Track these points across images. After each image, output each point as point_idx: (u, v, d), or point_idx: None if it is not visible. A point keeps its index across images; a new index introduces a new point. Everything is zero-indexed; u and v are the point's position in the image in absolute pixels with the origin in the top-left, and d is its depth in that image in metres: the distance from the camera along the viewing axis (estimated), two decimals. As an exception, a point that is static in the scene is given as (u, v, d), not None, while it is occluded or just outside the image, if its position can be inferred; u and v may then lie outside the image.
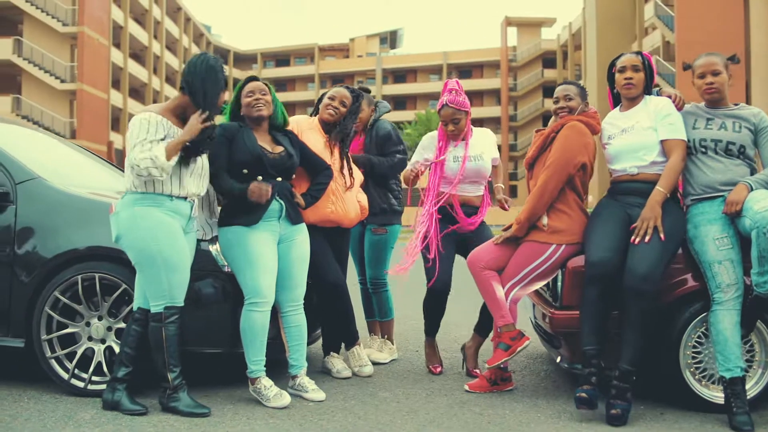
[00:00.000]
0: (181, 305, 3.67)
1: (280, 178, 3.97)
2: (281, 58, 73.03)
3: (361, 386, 4.26)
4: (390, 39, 73.68)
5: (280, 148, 4.03)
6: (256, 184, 3.82)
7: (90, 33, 38.36)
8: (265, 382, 3.82)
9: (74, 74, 38.18)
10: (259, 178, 3.88)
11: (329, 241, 4.44)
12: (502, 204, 4.69)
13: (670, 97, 3.91)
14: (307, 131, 4.45)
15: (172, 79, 54.71)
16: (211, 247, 3.96)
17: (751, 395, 3.72)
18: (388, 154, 4.88)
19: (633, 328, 3.61)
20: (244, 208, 3.87)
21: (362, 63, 69.33)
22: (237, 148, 3.88)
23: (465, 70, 66.56)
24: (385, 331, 5.07)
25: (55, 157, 4.88)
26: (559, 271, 3.98)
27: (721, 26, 31.53)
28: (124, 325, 3.87)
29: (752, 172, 3.78)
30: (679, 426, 3.54)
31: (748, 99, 31.22)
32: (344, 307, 4.45)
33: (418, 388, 4.24)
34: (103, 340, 3.94)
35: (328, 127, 4.50)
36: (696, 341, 3.78)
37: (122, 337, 3.72)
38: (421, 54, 68.69)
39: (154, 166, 3.50)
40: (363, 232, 4.97)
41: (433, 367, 4.62)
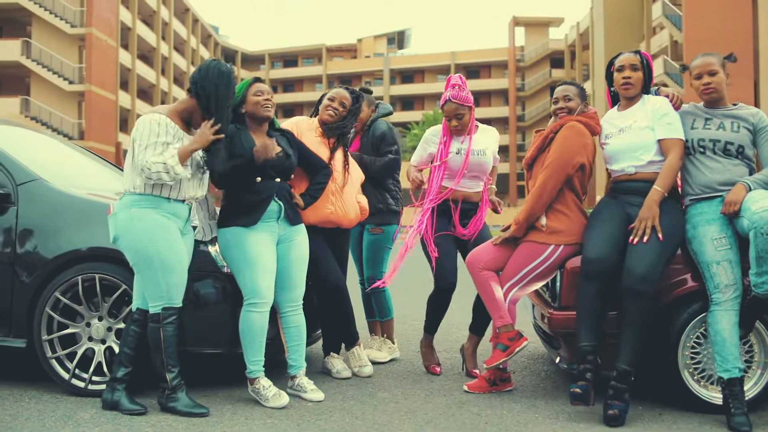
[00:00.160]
0: (179, 306, 3.69)
1: (278, 179, 3.98)
2: (289, 59, 73.16)
3: (361, 386, 4.26)
4: (398, 39, 73.71)
5: (279, 149, 4.04)
6: (259, 145, 3.86)
7: (98, 34, 38.54)
8: (264, 383, 3.84)
9: (82, 75, 38.36)
10: (258, 179, 3.90)
11: (329, 241, 4.45)
12: (495, 206, 4.70)
13: (668, 96, 3.91)
14: (306, 132, 4.46)
15: (180, 80, 54.89)
16: (210, 248, 3.98)
17: (751, 396, 3.71)
18: (383, 154, 4.89)
19: (631, 328, 3.61)
20: (243, 209, 3.88)
21: (370, 63, 69.38)
22: (235, 148, 3.90)
23: (473, 70, 66.53)
24: (385, 330, 5.07)
25: (56, 159, 4.92)
26: (558, 272, 3.98)
27: (729, 25, 31.43)
28: (124, 326, 3.88)
29: (751, 172, 3.77)
30: (677, 426, 3.53)
31: (757, 98, 31.09)
32: (344, 308, 4.46)
33: (418, 388, 4.25)
34: (104, 341, 3.96)
35: (328, 128, 4.52)
36: (695, 342, 3.77)
37: (121, 338, 3.75)
38: (429, 54, 68.71)
39: (166, 171, 3.54)
40: (362, 233, 4.98)
41: (432, 368, 4.61)
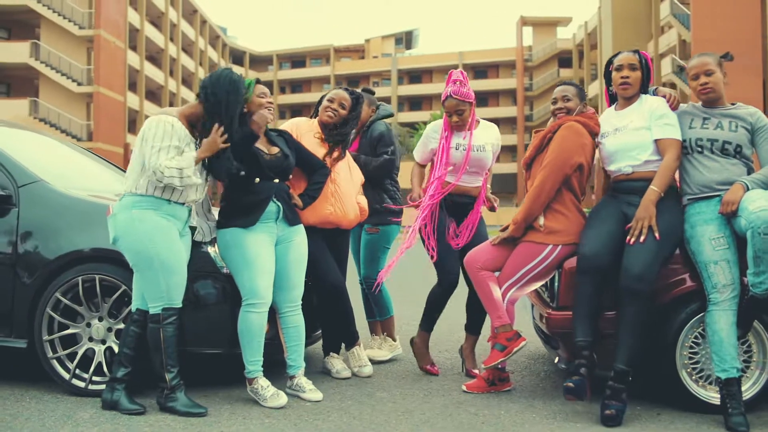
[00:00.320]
0: (179, 306, 3.71)
1: (277, 180, 3.99)
2: (297, 60, 73.26)
3: (360, 386, 4.28)
4: (405, 39, 73.66)
5: (276, 149, 4.06)
6: (256, 115, 3.92)
7: (106, 36, 38.67)
8: (262, 383, 3.85)
9: (91, 77, 38.50)
10: (257, 180, 3.92)
11: (329, 242, 4.46)
12: (491, 203, 4.68)
13: (665, 96, 3.90)
14: (306, 133, 4.48)
15: (189, 81, 55.05)
16: (209, 249, 4.00)
17: (749, 396, 3.71)
18: (379, 154, 4.90)
19: (628, 328, 3.61)
20: (242, 210, 3.90)
21: (378, 64, 69.39)
22: (233, 149, 3.90)
23: (480, 70, 66.47)
24: (385, 328, 5.08)
25: (58, 160, 4.95)
26: (556, 272, 3.98)
27: (737, 24, 31.23)
28: (123, 326, 3.90)
29: (749, 172, 3.76)
30: (675, 427, 3.53)
31: (766, 97, 30.93)
32: (344, 308, 4.47)
33: (416, 388, 4.25)
34: (104, 341, 3.99)
35: (328, 129, 4.53)
36: (693, 342, 3.76)
37: (121, 338, 3.77)
38: (437, 54, 68.63)
39: (180, 177, 3.57)
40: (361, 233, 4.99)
41: (428, 368, 4.59)
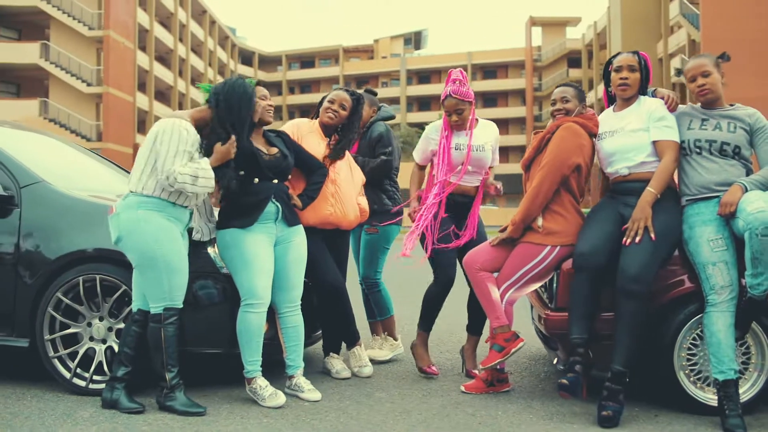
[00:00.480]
0: (180, 306, 3.74)
1: (276, 180, 4.01)
2: (306, 60, 73.37)
3: (359, 386, 4.29)
4: (414, 40, 73.67)
5: (275, 150, 4.08)
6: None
7: (116, 36, 38.81)
8: (261, 382, 3.87)
9: (100, 77, 38.64)
10: (256, 181, 3.94)
11: (329, 242, 4.47)
12: (495, 187, 4.55)
13: (664, 98, 3.90)
14: (307, 135, 4.49)
15: (198, 81, 55.14)
16: (209, 249, 4.02)
17: (747, 398, 3.71)
18: (377, 155, 4.91)
19: (625, 329, 3.61)
20: (241, 211, 3.92)
21: (386, 64, 69.43)
22: (235, 157, 3.92)
23: (489, 71, 66.41)
24: (386, 328, 5.09)
25: (59, 161, 4.98)
26: (555, 273, 3.98)
27: (747, 24, 31.05)
28: (124, 326, 3.93)
29: (748, 173, 3.75)
30: (672, 428, 3.52)
31: (776, 98, 30.73)
32: (343, 308, 4.48)
33: (415, 389, 4.26)
34: (104, 340, 4.02)
35: (328, 130, 4.55)
36: (691, 343, 3.76)
37: (121, 338, 3.80)
38: (446, 54, 68.60)
39: (192, 184, 3.60)
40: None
41: (427, 369, 4.56)
